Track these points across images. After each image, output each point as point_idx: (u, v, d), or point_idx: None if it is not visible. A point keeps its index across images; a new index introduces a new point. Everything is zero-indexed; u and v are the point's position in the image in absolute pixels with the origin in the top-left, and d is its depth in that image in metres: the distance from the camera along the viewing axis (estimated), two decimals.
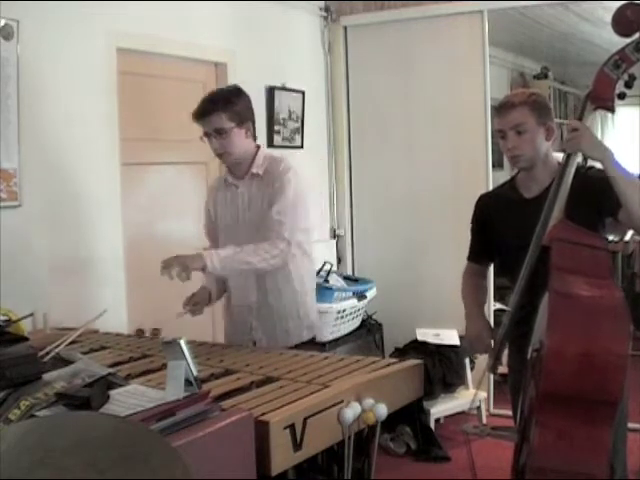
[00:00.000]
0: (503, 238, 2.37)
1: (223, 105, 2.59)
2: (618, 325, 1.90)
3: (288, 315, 2.72)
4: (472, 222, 2.53)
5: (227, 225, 2.76)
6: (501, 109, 2.30)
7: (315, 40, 4.82)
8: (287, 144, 4.48)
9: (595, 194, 2.17)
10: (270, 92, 4.33)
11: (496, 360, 2.35)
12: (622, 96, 2.13)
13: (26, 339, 2.38)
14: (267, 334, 2.73)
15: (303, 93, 4.59)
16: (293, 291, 2.71)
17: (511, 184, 2.44)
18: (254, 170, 2.67)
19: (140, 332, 2.71)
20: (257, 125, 2.74)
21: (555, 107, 7.16)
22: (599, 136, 7.80)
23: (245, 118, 2.64)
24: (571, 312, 1.93)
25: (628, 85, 2.13)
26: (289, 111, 4.48)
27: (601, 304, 1.95)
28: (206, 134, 2.64)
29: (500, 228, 2.38)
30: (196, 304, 2.75)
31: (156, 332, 2.67)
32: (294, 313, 2.73)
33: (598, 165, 2.15)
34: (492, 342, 2.36)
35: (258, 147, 2.75)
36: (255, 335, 2.76)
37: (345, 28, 4.86)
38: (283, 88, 4.42)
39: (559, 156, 2.26)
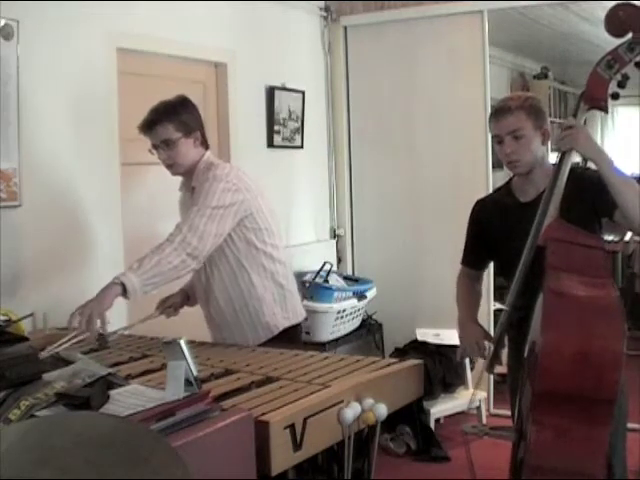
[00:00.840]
0: (500, 243, 2.37)
1: (169, 116, 2.57)
2: (613, 323, 1.91)
3: (241, 319, 2.70)
4: (468, 227, 2.52)
5: None
6: (497, 114, 2.29)
7: (315, 40, 4.82)
8: (287, 144, 4.48)
9: (591, 194, 2.18)
10: (270, 92, 4.33)
11: (493, 360, 2.35)
12: (615, 96, 2.13)
13: (26, 339, 2.39)
14: (229, 333, 2.73)
15: (303, 93, 4.59)
16: (235, 295, 2.67)
17: (507, 188, 2.44)
18: (193, 183, 2.63)
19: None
20: (257, 125, 2.73)
21: (555, 107, 7.16)
22: (598, 136, 7.82)
23: (192, 128, 2.61)
24: (566, 311, 1.94)
25: (621, 85, 2.13)
26: (289, 111, 4.48)
27: (596, 303, 1.95)
28: (154, 146, 2.62)
29: (497, 233, 2.37)
30: (170, 306, 2.80)
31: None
32: (245, 316, 2.69)
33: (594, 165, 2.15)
34: (487, 346, 2.36)
35: (202, 156, 2.66)
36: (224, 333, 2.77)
37: (345, 28, 4.85)
38: (283, 88, 4.42)
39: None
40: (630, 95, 2.26)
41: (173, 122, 2.57)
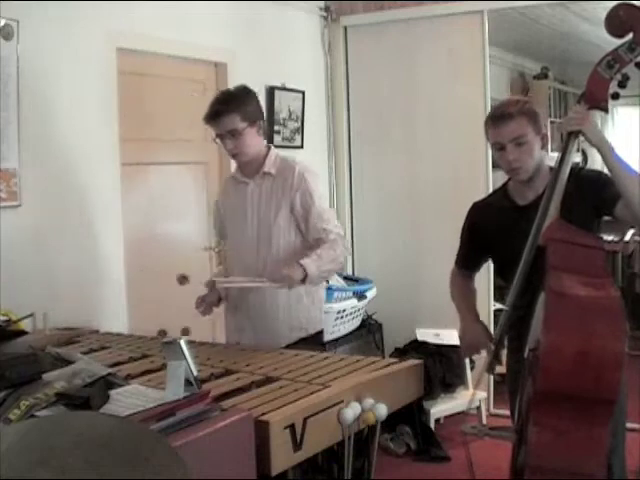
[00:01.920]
0: (499, 246, 2.36)
1: (235, 106, 2.61)
2: (614, 323, 1.91)
3: (280, 316, 2.71)
4: (464, 230, 2.51)
5: (235, 221, 2.78)
6: (498, 121, 2.24)
7: (315, 40, 4.82)
8: (287, 144, 4.47)
9: (590, 193, 2.17)
10: (270, 92, 4.33)
11: (493, 360, 2.35)
12: (616, 96, 2.13)
13: (25, 333, 2.39)
14: (256, 334, 2.73)
15: (303, 93, 4.59)
16: (289, 293, 2.67)
17: (503, 192, 2.42)
18: (266, 169, 2.70)
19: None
20: None
21: (555, 107, 7.16)
22: None
23: (256, 117, 2.68)
24: (567, 311, 1.94)
25: (622, 85, 2.13)
26: (289, 111, 4.48)
27: (597, 303, 1.95)
28: (219, 135, 2.66)
29: (495, 236, 2.36)
30: (209, 304, 2.77)
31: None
32: (285, 314, 2.70)
33: (594, 166, 2.15)
34: (490, 344, 2.36)
35: (269, 147, 2.78)
36: (244, 335, 2.76)
37: (345, 28, 4.85)
38: (283, 88, 4.42)
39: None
40: (630, 95, 2.26)
41: (239, 112, 2.61)
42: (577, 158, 2.27)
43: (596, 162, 6.74)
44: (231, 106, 2.61)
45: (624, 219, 2.19)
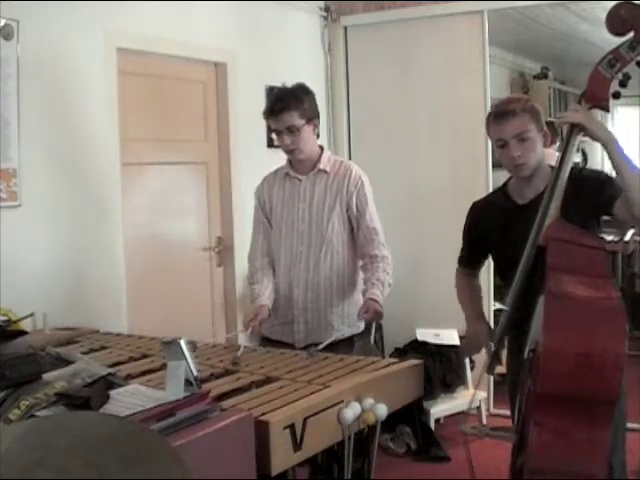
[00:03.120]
0: (498, 245, 2.36)
1: (294, 103, 2.67)
2: (615, 324, 1.90)
3: (334, 311, 2.74)
4: (465, 230, 2.52)
5: (284, 217, 2.79)
6: (501, 118, 2.25)
7: (315, 40, 4.82)
8: None
9: (589, 192, 2.17)
10: (270, 92, 4.32)
11: (493, 360, 2.35)
12: (617, 95, 2.13)
13: (25, 333, 2.39)
14: (308, 328, 2.73)
15: None
16: (342, 287, 2.75)
17: (503, 191, 2.43)
18: (321, 167, 2.77)
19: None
20: (257, 125, 2.76)
21: (555, 107, 7.15)
22: None
23: (313, 115, 2.74)
24: (568, 312, 1.93)
25: (623, 84, 2.13)
26: None
27: (598, 304, 1.95)
28: (276, 131, 2.72)
29: (495, 236, 2.37)
30: (261, 322, 2.68)
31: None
32: (339, 309, 2.75)
33: (594, 166, 2.15)
34: (491, 343, 2.36)
35: (322, 147, 2.84)
36: (295, 328, 2.75)
37: (345, 28, 4.85)
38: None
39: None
40: (630, 95, 2.26)
41: (298, 109, 2.67)
42: (577, 158, 2.26)
43: (596, 162, 6.76)
44: (290, 103, 2.67)
45: (622, 217, 2.19)
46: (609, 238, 4.96)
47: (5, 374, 1.78)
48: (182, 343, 1.70)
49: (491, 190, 3.33)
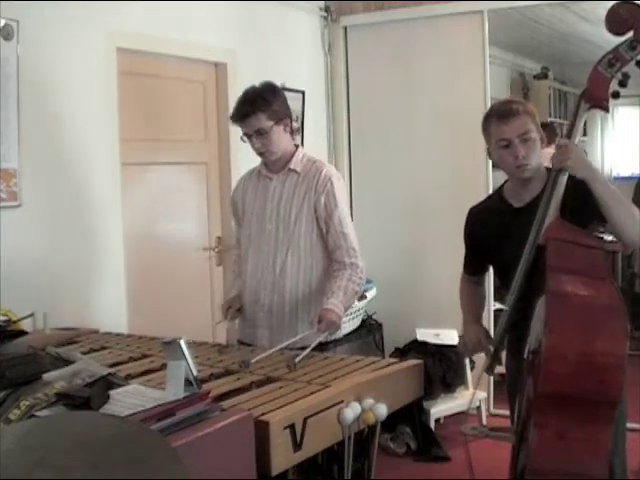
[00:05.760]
0: (497, 249, 2.36)
1: (260, 105, 2.61)
2: (615, 325, 1.90)
3: (299, 316, 2.68)
4: (464, 237, 2.52)
5: (254, 216, 2.77)
6: (505, 117, 2.26)
7: (315, 40, 4.82)
8: None
9: (589, 196, 2.17)
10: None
11: (493, 361, 2.35)
12: (616, 95, 2.13)
13: (25, 333, 2.39)
14: (273, 333, 2.69)
15: (303, 93, 4.59)
16: (310, 292, 2.68)
17: (499, 195, 2.42)
18: (292, 166, 2.71)
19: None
20: None
21: (555, 107, 7.15)
22: (598, 136, 7.81)
23: (283, 115, 2.67)
24: (568, 313, 1.93)
25: (622, 84, 2.13)
26: None
27: (598, 304, 1.95)
28: (246, 134, 2.67)
29: (492, 240, 2.36)
30: (237, 310, 2.75)
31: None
32: (305, 315, 2.66)
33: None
34: (489, 347, 2.36)
35: (297, 146, 2.79)
36: (259, 333, 2.72)
37: (345, 28, 4.85)
38: (283, 88, 4.38)
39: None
40: (630, 95, 2.26)
41: (265, 112, 2.61)
42: None
43: (596, 162, 6.74)
44: (257, 105, 2.61)
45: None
46: (609, 238, 4.96)
47: (5, 374, 1.77)
48: (182, 343, 1.70)
49: (491, 190, 3.33)
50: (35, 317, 2.76)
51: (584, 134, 7.25)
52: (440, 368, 4.18)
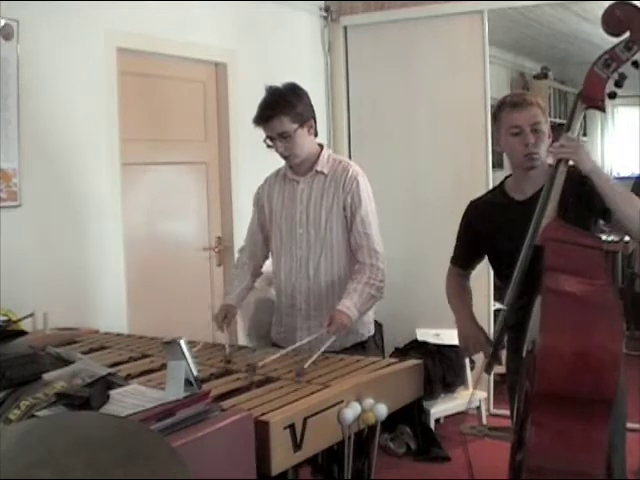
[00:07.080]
0: (496, 244, 2.36)
1: (284, 108, 2.56)
2: (612, 323, 1.91)
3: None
4: (461, 228, 2.51)
5: (283, 221, 2.71)
6: (519, 105, 2.29)
7: (315, 40, 4.82)
8: None
9: (587, 193, 2.17)
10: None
11: (492, 361, 2.35)
12: (612, 95, 2.14)
13: (25, 333, 2.39)
14: (311, 335, 2.58)
15: None
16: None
17: (500, 189, 2.43)
18: (318, 168, 2.66)
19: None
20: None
21: (555, 107, 7.16)
22: (598, 136, 7.82)
23: (307, 117, 2.62)
24: (564, 311, 1.94)
25: (618, 84, 2.14)
26: None
27: (594, 303, 1.95)
28: (270, 137, 2.62)
29: (492, 234, 2.36)
30: (230, 320, 2.71)
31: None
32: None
33: None
34: (489, 346, 2.36)
35: (322, 146, 2.74)
36: (297, 335, 2.65)
37: (345, 28, 4.85)
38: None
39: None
40: (630, 95, 2.26)
41: (289, 114, 2.56)
42: None
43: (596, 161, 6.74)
44: (280, 108, 2.56)
45: (619, 230, 2.21)
46: (609, 238, 4.96)
47: (5, 374, 1.77)
48: (182, 343, 1.70)
49: None
50: (35, 317, 2.76)
51: (584, 134, 7.25)
52: (440, 368, 4.18)
